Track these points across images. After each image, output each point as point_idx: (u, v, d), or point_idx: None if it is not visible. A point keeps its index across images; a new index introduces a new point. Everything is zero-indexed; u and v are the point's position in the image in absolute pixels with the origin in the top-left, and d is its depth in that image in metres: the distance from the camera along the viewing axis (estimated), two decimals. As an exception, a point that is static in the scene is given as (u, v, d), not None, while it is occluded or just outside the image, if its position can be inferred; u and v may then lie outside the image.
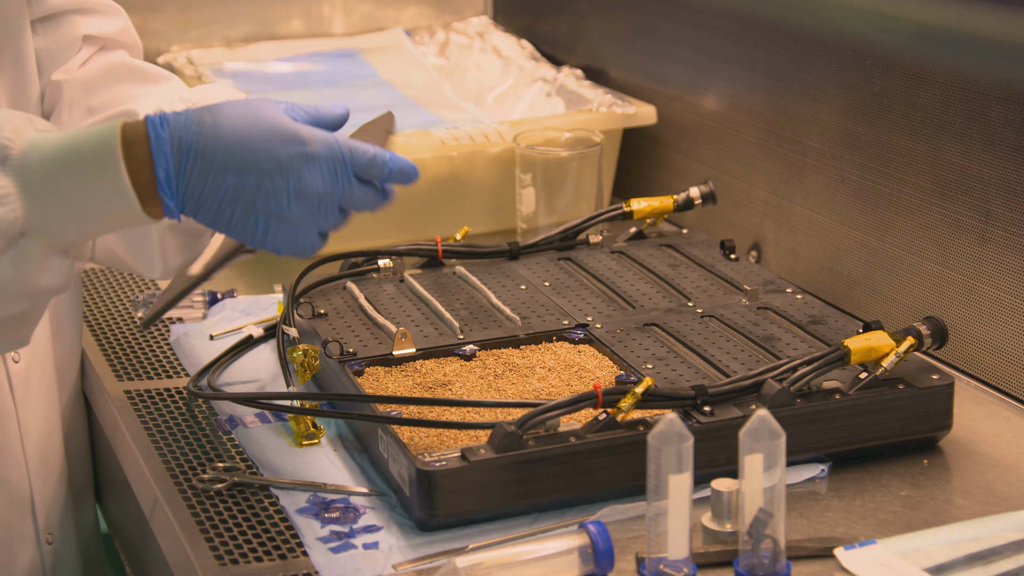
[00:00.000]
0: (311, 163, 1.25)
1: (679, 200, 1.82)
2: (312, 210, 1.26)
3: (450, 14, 2.68)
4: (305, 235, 1.28)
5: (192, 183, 1.23)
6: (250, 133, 1.23)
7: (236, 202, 1.24)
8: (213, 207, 1.24)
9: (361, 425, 1.46)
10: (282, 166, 1.24)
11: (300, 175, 1.25)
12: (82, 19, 1.58)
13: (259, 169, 1.23)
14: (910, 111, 1.70)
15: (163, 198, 1.22)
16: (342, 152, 1.27)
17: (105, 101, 1.58)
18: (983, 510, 1.36)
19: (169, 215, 1.24)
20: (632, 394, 1.35)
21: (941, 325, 1.47)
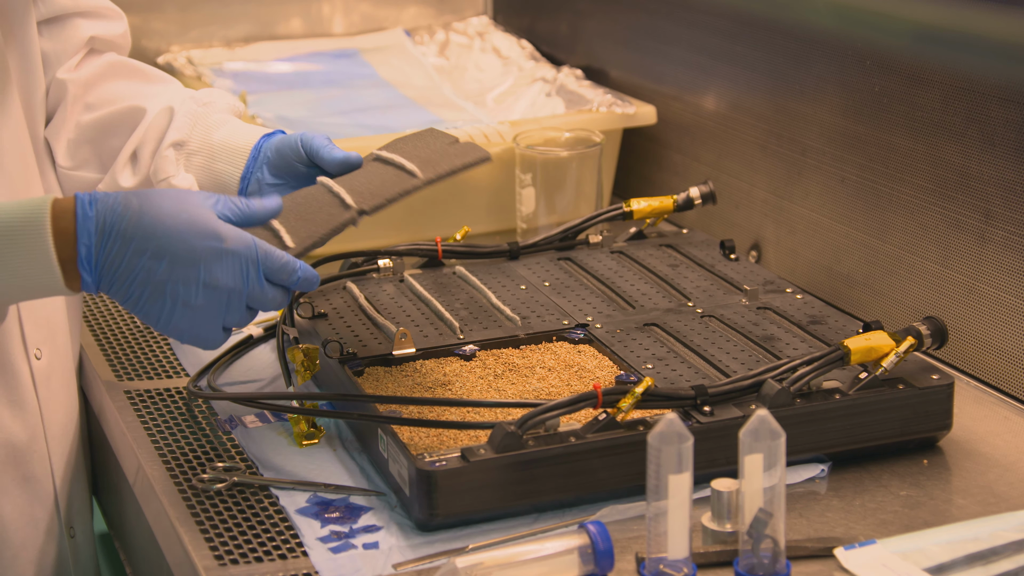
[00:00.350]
0: (224, 259, 1.30)
1: (679, 200, 1.82)
2: (219, 303, 1.31)
3: (450, 14, 2.68)
4: (209, 326, 1.32)
5: (109, 261, 1.28)
6: (171, 222, 1.29)
7: (147, 284, 1.29)
8: (126, 285, 1.29)
9: (361, 425, 1.46)
10: (196, 257, 1.29)
11: (212, 268, 1.30)
12: (86, 22, 1.59)
13: (173, 256, 1.29)
14: (910, 111, 1.70)
15: (82, 273, 1.28)
16: (256, 254, 1.32)
17: (103, 98, 1.59)
18: (983, 510, 1.36)
19: (86, 289, 1.29)
20: (632, 394, 1.35)
21: (941, 325, 1.47)
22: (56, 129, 1.58)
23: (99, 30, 1.61)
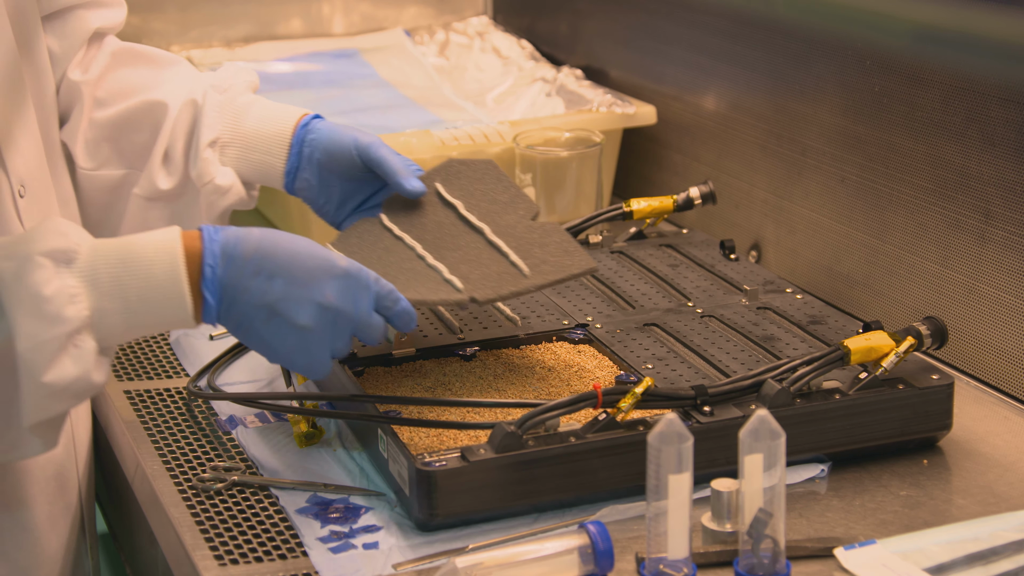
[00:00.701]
0: (338, 279, 1.32)
1: (679, 200, 1.82)
2: (329, 325, 1.33)
3: (450, 14, 2.68)
4: (319, 350, 1.33)
5: (230, 281, 1.29)
6: (288, 246, 1.32)
7: (262, 305, 1.31)
8: (242, 306, 1.30)
9: (361, 425, 1.46)
10: (310, 277, 1.31)
11: (325, 288, 1.32)
12: (89, 13, 1.58)
13: (289, 276, 1.31)
14: (910, 111, 1.70)
15: (205, 294, 1.28)
16: (369, 279, 1.35)
17: (114, 91, 1.59)
18: (983, 510, 1.36)
19: (207, 317, 1.29)
20: (632, 394, 1.35)
21: (941, 325, 1.47)
22: (72, 131, 1.57)
23: (102, 20, 1.59)
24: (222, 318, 1.30)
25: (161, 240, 1.28)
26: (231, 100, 1.57)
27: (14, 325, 1.20)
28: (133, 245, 1.28)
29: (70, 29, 1.57)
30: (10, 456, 1.28)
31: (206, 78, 1.60)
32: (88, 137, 1.58)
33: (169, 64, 1.62)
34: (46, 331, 1.21)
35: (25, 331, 1.20)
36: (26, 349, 1.20)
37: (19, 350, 1.20)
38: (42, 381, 1.21)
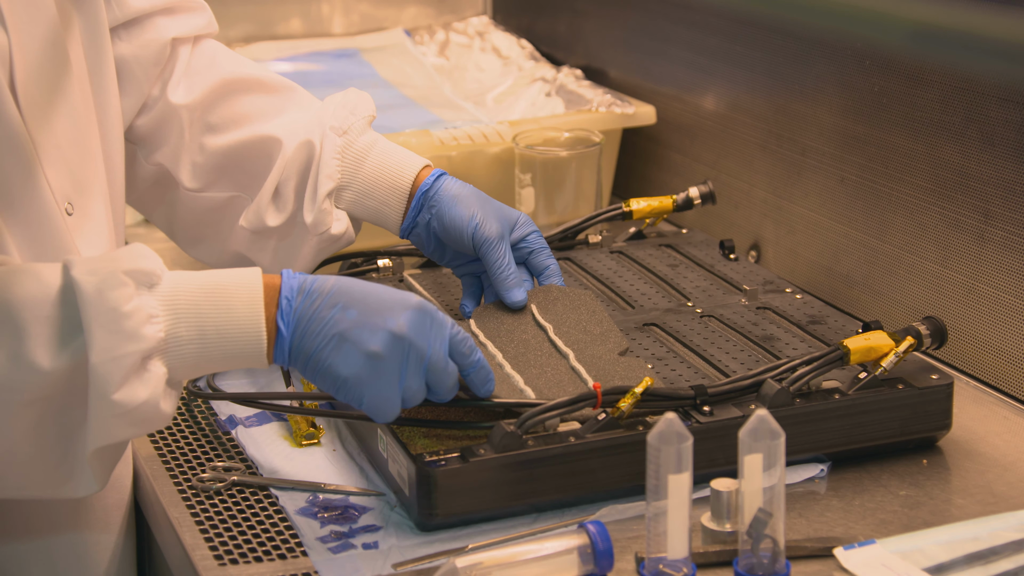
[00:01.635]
0: (413, 310, 1.28)
1: (678, 200, 1.82)
2: (401, 356, 1.27)
3: (449, 14, 2.68)
4: (388, 384, 1.27)
5: (304, 312, 1.27)
6: (364, 284, 1.30)
7: (334, 335, 1.27)
8: (314, 335, 1.26)
9: (360, 425, 1.46)
10: (385, 307, 1.27)
11: (398, 316, 1.27)
12: (166, 20, 1.56)
13: (364, 306, 1.27)
14: (909, 111, 1.70)
15: (279, 325, 1.26)
16: (444, 317, 1.31)
17: (227, 118, 1.58)
18: (982, 510, 1.37)
19: (279, 353, 1.27)
20: (631, 394, 1.35)
21: (940, 325, 1.47)
22: (176, 154, 1.57)
23: (182, 27, 1.57)
24: (294, 352, 1.27)
25: (242, 275, 1.27)
26: (349, 144, 1.56)
27: (90, 338, 1.18)
28: (214, 277, 1.26)
29: (146, 39, 1.55)
30: (59, 492, 1.24)
31: (323, 110, 1.58)
32: (197, 161, 1.58)
33: (284, 91, 1.60)
34: (121, 347, 1.19)
35: (101, 345, 1.18)
36: (99, 363, 1.18)
37: (92, 362, 1.18)
38: (112, 398, 1.19)
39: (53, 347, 1.18)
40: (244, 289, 1.26)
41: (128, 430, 1.22)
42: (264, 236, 1.59)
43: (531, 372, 1.44)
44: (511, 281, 1.52)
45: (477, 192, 1.56)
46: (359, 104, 1.59)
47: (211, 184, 1.59)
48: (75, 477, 1.23)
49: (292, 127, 1.57)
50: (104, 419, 1.20)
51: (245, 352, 1.26)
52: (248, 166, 1.58)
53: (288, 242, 1.58)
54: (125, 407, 1.20)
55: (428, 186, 1.56)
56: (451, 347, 1.31)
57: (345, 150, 1.56)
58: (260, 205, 1.56)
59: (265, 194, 1.56)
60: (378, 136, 1.59)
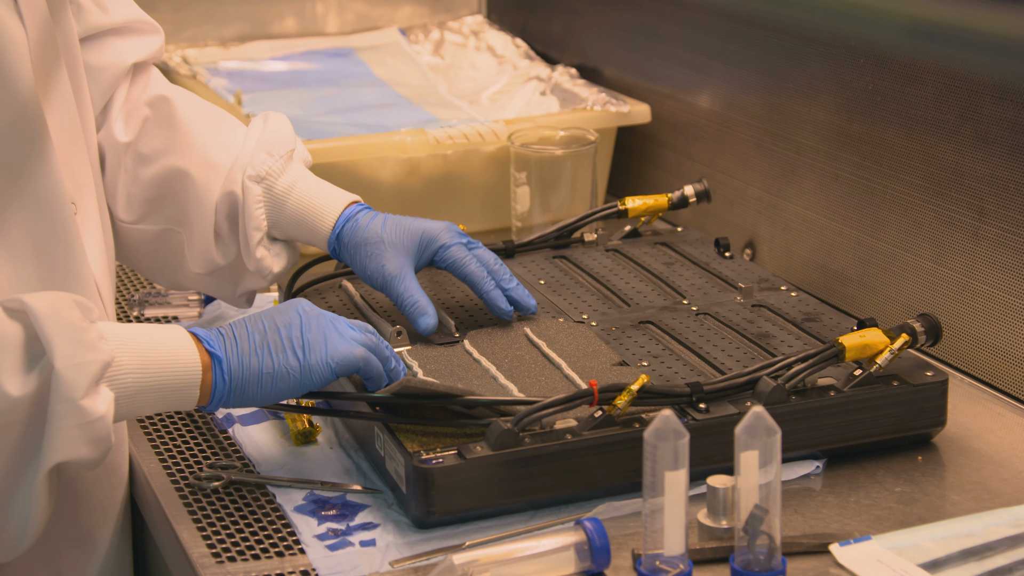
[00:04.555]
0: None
1: (673, 198, 1.82)
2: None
3: (444, 13, 2.68)
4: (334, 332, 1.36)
5: (229, 340, 1.33)
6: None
7: (263, 333, 1.34)
8: (249, 342, 1.33)
9: (358, 423, 1.46)
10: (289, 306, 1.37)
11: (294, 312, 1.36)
12: (124, 43, 1.57)
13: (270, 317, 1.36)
14: (904, 109, 1.70)
15: (213, 351, 1.31)
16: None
17: (156, 148, 1.58)
18: (977, 506, 1.37)
19: (219, 381, 1.31)
20: (628, 391, 1.35)
21: (935, 322, 1.47)
22: (112, 183, 1.58)
23: (138, 53, 1.58)
24: (234, 372, 1.31)
25: (168, 327, 1.31)
26: (269, 189, 1.57)
27: (53, 348, 1.18)
28: (140, 325, 1.30)
29: (105, 60, 1.56)
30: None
31: (243, 150, 1.58)
32: (132, 192, 1.58)
33: (206, 125, 1.60)
34: (83, 355, 1.20)
35: (64, 352, 1.19)
36: (64, 368, 1.18)
37: (57, 368, 1.18)
38: (80, 403, 1.19)
39: (20, 373, 1.19)
40: (174, 332, 1.30)
41: (83, 448, 1.21)
42: (220, 273, 1.61)
43: (525, 381, 1.45)
44: (416, 310, 1.53)
45: (385, 223, 1.57)
46: (275, 141, 1.59)
47: (144, 216, 1.60)
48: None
49: (212, 177, 1.57)
50: (67, 429, 1.19)
51: (182, 384, 1.28)
52: (175, 199, 1.59)
53: (246, 273, 1.61)
54: (89, 416, 1.19)
55: (339, 229, 1.58)
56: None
57: (266, 195, 1.57)
58: (207, 247, 1.58)
59: (206, 237, 1.58)
60: (297, 175, 1.59)
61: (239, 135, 1.60)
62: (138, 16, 1.60)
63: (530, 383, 1.44)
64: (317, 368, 1.34)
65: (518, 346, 1.53)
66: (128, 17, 1.58)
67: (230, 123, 1.62)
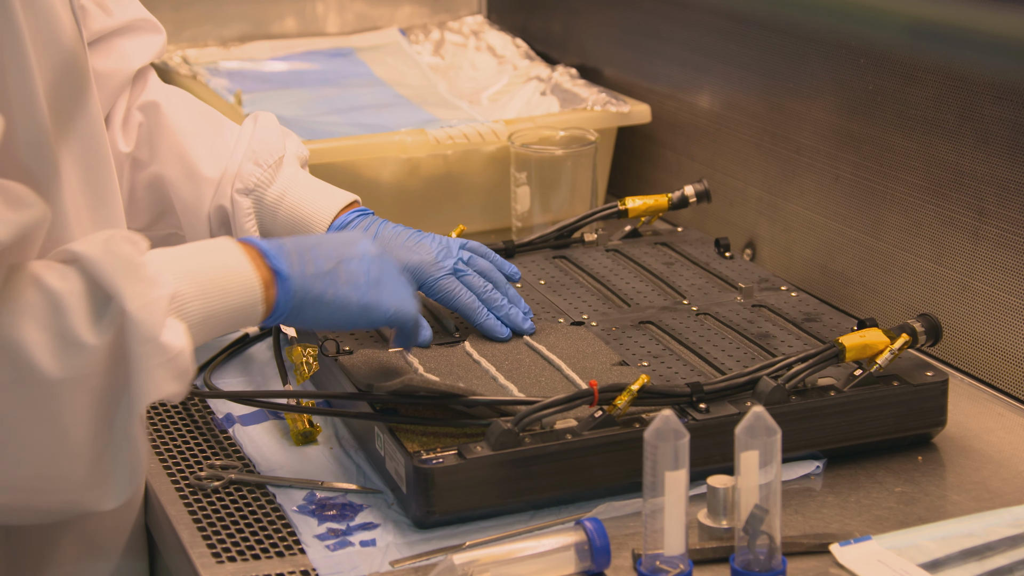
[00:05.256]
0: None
1: (674, 198, 1.82)
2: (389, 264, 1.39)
3: (444, 13, 2.68)
4: (399, 285, 1.38)
5: (293, 252, 1.32)
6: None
7: (328, 266, 1.34)
8: (311, 277, 1.32)
9: (358, 423, 1.46)
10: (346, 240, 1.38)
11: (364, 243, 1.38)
12: (128, 45, 1.56)
13: (330, 244, 1.36)
14: (904, 109, 1.70)
15: (274, 266, 1.30)
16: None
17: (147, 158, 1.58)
18: (977, 506, 1.37)
19: (283, 296, 1.30)
20: (628, 391, 1.35)
21: (935, 322, 1.47)
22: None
23: (143, 56, 1.58)
24: (299, 290, 1.30)
25: (217, 241, 1.30)
26: (259, 200, 1.57)
27: (119, 291, 1.16)
28: (189, 247, 1.29)
29: (111, 65, 1.55)
30: (91, 495, 1.20)
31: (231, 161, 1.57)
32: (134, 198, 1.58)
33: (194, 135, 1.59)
34: (149, 292, 1.18)
35: (130, 293, 1.16)
36: (136, 310, 1.16)
37: (129, 311, 1.16)
38: (161, 341, 1.17)
39: (93, 321, 1.16)
40: (224, 249, 1.28)
41: (170, 385, 1.19)
42: None
43: (525, 382, 1.45)
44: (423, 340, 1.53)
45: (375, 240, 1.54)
46: (262, 150, 1.58)
47: (149, 223, 1.60)
48: (112, 476, 1.20)
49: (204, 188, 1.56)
50: (152, 369, 1.17)
51: (245, 304, 1.26)
52: (171, 207, 1.59)
53: None
54: (170, 351, 1.18)
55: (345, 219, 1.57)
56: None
57: (256, 206, 1.57)
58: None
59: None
60: (288, 182, 1.58)
61: (229, 142, 1.59)
62: (141, 15, 1.60)
63: (530, 383, 1.44)
64: (376, 310, 1.36)
65: (518, 347, 1.53)
66: (132, 16, 1.58)
67: (221, 129, 1.61)
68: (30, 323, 1.14)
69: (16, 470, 1.17)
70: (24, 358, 1.13)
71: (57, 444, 1.17)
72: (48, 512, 1.22)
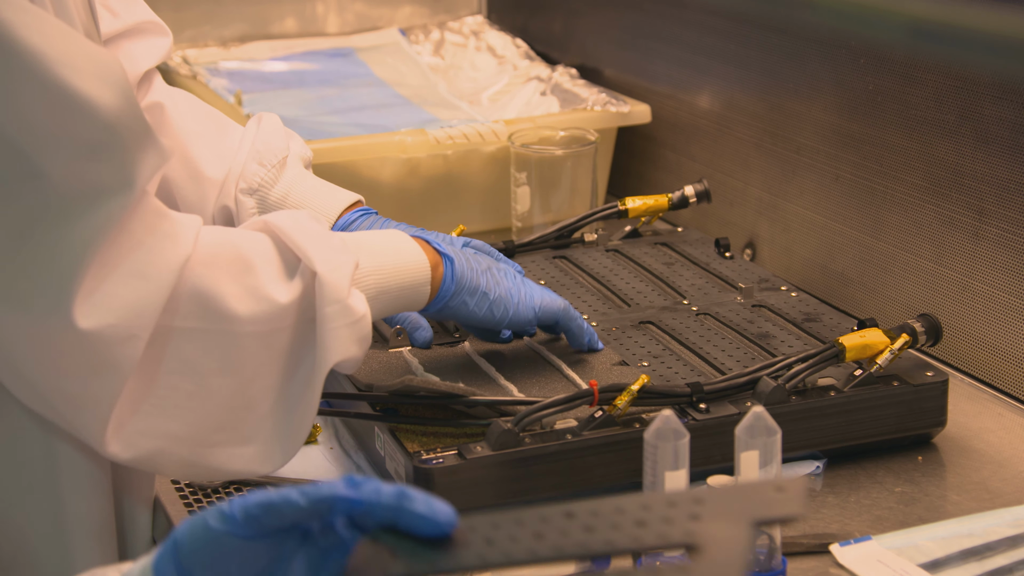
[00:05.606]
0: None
1: (674, 198, 1.82)
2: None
3: (444, 13, 2.68)
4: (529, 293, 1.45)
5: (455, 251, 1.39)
6: None
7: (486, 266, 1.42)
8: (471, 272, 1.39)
9: (358, 423, 1.46)
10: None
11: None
12: (135, 48, 1.56)
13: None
14: (904, 109, 1.70)
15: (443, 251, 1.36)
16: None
17: None
18: (977, 506, 1.37)
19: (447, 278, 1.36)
20: (628, 391, 1.35)
21: (935, 322, 1.47)
22: None
23: (149, 59, 1.58)
24: (459, 275, 1.36)
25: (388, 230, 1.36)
26: (263, 200, 1.56)
27: (311, 255, 1.20)
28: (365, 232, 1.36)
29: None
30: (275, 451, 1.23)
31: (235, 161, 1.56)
32: None
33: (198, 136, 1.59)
34: (338, 257, 1.22)
35: (321, 257, 1.21)
36: (326, 271, 1.20)
37: (320, 273, 1.20)
38: (348, 303, 1.21)
39: (283, 280, 1.21)
40: (396, 234, 1.35)
41: (354, 347, 1.22)
42: None
43: (525, 382, 1.45)
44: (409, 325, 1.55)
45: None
46: (266, 150, 1.57)
47: None
48: (279, 436, 1.23)
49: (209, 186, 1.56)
50: (339, 329, 1.20)
51: (415, 283, 1.32)
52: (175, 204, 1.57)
53: None
54: (356, 314, 1.21)
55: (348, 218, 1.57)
56: None
57: (260, 206, 1.56)
58: None
59: None
60: (292, 182, 1.57)
61: (233, 143, 1.59)
62: (147, 17, 1.60)
63: (530, 383, 1.44)
64: (523, 307, 1.42)
65: (518, 347, 1.53)
66: (139, 19, 1.58)
67: (225, 130, 1.61)
68: (224, 275, 1.18)
69: (200, 420, 1.20)
70: (215, 306, 1.18)
71: (239, 395, 1.20)
72: (217, 469, 1.24)
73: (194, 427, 1.20)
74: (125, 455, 1.19)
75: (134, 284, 1.14)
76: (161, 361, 1.18)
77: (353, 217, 1.57)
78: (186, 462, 1.23)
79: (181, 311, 1.17)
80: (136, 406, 1.18)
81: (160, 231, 1.16)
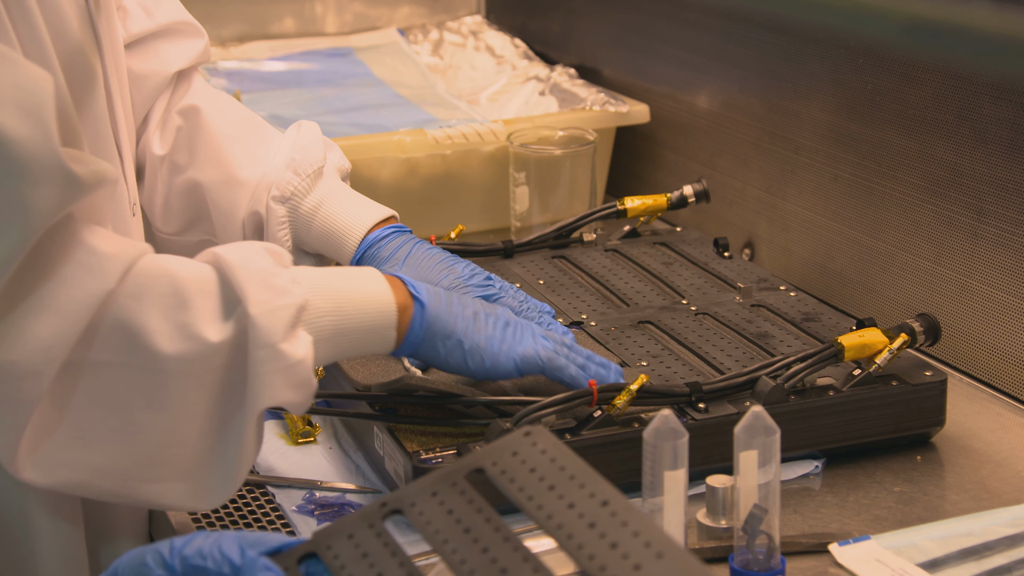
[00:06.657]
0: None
1: (672, 198, 1.82)
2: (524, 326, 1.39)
3: (443, 13, 2.68)
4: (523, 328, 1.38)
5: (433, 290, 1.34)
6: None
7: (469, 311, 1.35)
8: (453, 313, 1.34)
9: (357, 423, 1.46)
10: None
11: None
12: (168, 48, 1.56)
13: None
14: (902, 109, 1.70)
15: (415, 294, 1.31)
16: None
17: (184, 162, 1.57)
18: (976, 506, 1.37)
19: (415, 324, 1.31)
20: (627, 391, 1.35)
21: (934, 322, 1.47)
22: (150, 193, 1.57)
23: (182, 59, 1.57)
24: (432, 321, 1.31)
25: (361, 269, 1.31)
26: (295, 209, 1.55)
27: (246, 295, 1.17)
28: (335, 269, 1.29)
29: (150, 67, 1.55)
30: (200, 487, 1.21)
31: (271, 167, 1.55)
32: (170, 202, 1.57)
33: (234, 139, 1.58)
34: (276, 300, 1.18)
35: (257, 298, 1.17)
36: (259, 315, 1.17)
37: (252, 315, 1.16)
38: (280, 347, 1.17)
39: (218, 320, 1.18)
40: (366, 272, 1.29)
41: (287, 392, 1.19)
42: None
43: (524, 381, 1.45)
44: None
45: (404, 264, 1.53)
46: (303, 159, 1.56)
47: (183, 228, 1.59)
48: (215, 475, 1.21)
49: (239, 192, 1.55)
50: (269, 374, 1.17)
51: (377, 325, 1.27)
52: (206, 212, 1.57)
53: None
54: (289, 359, 1.18)
55: (360, 255, 1.55)
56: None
57: (291, 215, 1.55)
58: None
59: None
60: (325, 193, 1.56)
61: (270, 149, 1.57)
62: (182, 18, 1.58)
63: (529, 383, 1.44)
64: (503, 358, 1.35)
65: None
66: (172, 19, 1.57)
67: (262, 135, 1.59)
68: (153, 310, 1.16)
69: (126, 455, 1.18)
70: (140, 342, 1.15)
71: (167, 432, 1.18)
72: (148, 503, 1.23)
73: (120, 461, 1.18)
74: (43, 482, 1.17)
75: (43, 318, 1.12)
76: (75, 393, 1.16)
77: (384, 234, 1.54)
78: (114, 494, 1.21)
79: (100, 344, 1.15)
80: (49, 434, 1.16)
81: (78, 263, 1.14)
